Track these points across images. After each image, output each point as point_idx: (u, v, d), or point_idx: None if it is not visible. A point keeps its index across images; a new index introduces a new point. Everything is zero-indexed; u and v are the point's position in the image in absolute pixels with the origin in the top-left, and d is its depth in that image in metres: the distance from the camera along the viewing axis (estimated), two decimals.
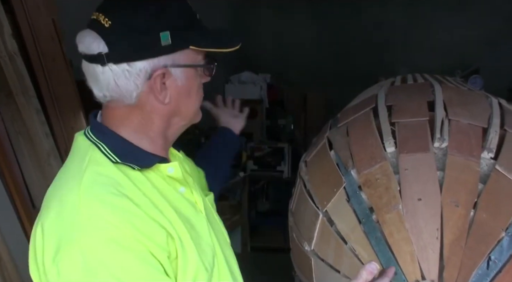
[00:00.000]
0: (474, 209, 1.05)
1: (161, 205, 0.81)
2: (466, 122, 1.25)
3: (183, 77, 0.85)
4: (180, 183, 0.90)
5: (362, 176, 1.21)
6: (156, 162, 0.87)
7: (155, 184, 0.84)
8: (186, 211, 0.87)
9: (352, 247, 1.12)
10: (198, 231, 0.87)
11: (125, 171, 0.81)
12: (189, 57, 0.86)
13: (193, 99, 0.90)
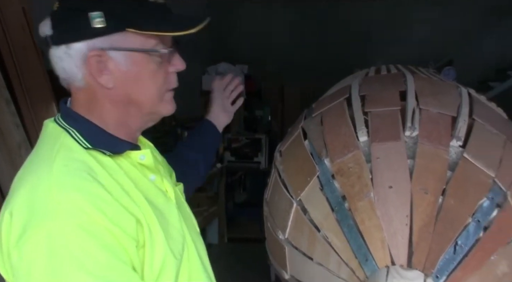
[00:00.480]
0: (442, 196, 1.08)
1: (132, 192, 0.81)
2: (436, 111, 1.28)
3: (127, 61, 0.82)
4: (151, 170, 0.90)
5: (335, 164, 1.23)
6: (128, 149, 0.86)
7: (126, 170, 0.84)
8: (156, 199, 0.87)
9: (325, 235, 1.13)
10: (168, 219, 0.87)
11: (97, 157, 0.81)
12: (132, 41, 0.82)
13: (146, 87, 0.85)
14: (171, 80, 0.90)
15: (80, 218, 0.71)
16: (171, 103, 0.92)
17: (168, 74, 0.89)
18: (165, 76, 0.88)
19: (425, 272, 0.98)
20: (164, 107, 0.90)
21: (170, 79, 0.90)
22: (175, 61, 0.89)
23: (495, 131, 1.25)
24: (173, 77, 0.91)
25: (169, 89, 0.90)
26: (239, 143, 4.76)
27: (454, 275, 0.98)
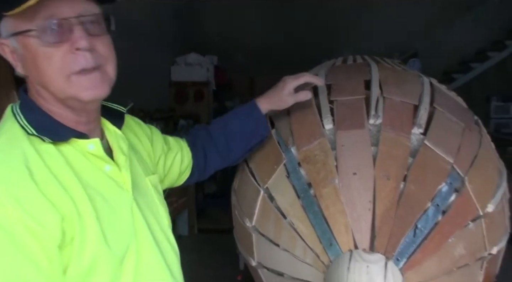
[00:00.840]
0: (404, 182, 1.11)
1: (68, 182, 0.78)
2: (399, 100, 1.31)
3: (20, 47, 0.80)
4: (105, 160, 0.86)
5: (302, 152, 1.24)
6: (72, 137, 0.83)
7: (69, 159, 0.81)
8: (106, 190, 0.84)
9: (291, 221, 1.15)
10: (116, 212, 0.84)
11: (36, 144, 0.79)
12: (11, 25, 0.80)
13: (44, 70, 0.80)
14: (75, 61, 0.80)
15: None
16: (87, 87, 0.82)
17: (67, 54, 0.80)
18: (62, 57, 0.79)
19: (387, 255, 1.01)
20: (78, 92, 0.81)
21: (72, 59, 0.80)
22: (74, 38, 0.79)
23: (454, 119, 1.30)
24: (77, 57, 0.80)
25: (75, 71, 0.80)
26: None
27: (414, 258, 1.02)
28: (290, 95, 1.28)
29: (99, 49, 0.83)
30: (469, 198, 1.11)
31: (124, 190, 0.88)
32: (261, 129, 1.30)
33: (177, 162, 1.19)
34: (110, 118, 0.96)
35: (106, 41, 0.85)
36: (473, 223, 1.11)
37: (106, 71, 0.84)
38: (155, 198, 0.99)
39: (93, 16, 0.82)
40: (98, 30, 0.83)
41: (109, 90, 0.86)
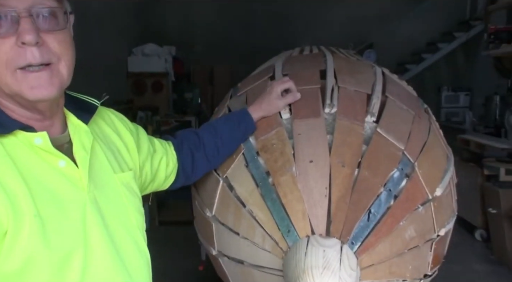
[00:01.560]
0: (358, 168, 1.15)
1: (5, 177, 0.74)
2: (352, 89, 1.35)
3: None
4: (56, 156, 0.81)
5: (260, 141, 1.26)
6: (16, 129, 0.78)
7: (12, 153, 0.77)
8: (56, 186, 0.80)
9: (250, 210, 1.17)
10: (64, 209, 0.80)
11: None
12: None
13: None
14: (20, 55, 0.75)
15: None
16: (33, 86, 0.77)
17: (13, 48, 0.75)
18: (7, 50, 0.75)
19: (342, 239, 1.04)
20: (23, 90, 0.77)
21: (18, 53, 0.75)
22: (21, 32, 0.74)
23: (405, 107, 1.35)
24: (22, 52, 0.75)
25: (20, 66, 0.76)
26: (168, 126, 4.70)
27: (368, 241, 1.06)
28: (278, 98, 1.29)
29: (51, 46, 0.78)
30: (419, 182, 1.17)
31: (78, 187, 0.83)
32: (251, 134, 1.30)
33: (163, 165, 1.15)
34: (77, 111, 0.91)
35: (61, 37, 0.79)
36: (423, 206, 1.16)
37: (58, 69, 0.79)
38: (123, 196, 0.93)
39: (46, 9, 0.77)
40: (52, 25, 0.78)
41: (59, 90, 0.81)
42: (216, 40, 7.24)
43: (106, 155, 0.94)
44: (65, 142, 0.87)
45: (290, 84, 1.31)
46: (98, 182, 0.88)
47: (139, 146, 1.07)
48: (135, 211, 0.94)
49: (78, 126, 0.90)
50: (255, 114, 1.29)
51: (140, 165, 1.06)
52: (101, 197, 0.87)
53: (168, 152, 1.17)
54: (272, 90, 1.30)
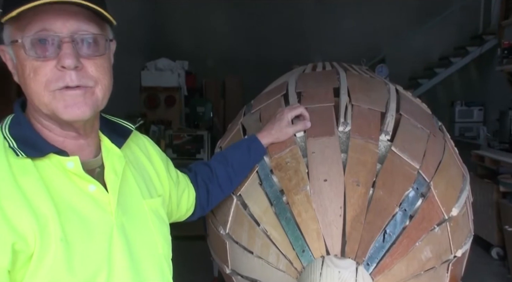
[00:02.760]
0: (372, 188, 1.14)
1: (36, 200, 0.76)
2: (366, 107, 1.35)
3: (14, 55, 0.81)
4: (86, 180, 0.83)
5: (274, 160, 1.26)
6: (49, 152, 0.81)
7: (45, 176, 0.80)
8: (84, 210, 0.81)
9: (264, 228, 1.16)
10: (91, 233, 0.81)
11: (12, 158, 0.78)
12: (8, 34, 0.80)
13: (29, 82, 0.79)
14: (60, 78, 0.78)
15: None
16: (68, 105, 0.80)
17: (53, 70, 0.78)
18: (48, 72, 0.78)
19: (357, 260, 1.03)
20: (58, 108, 0.80)
21: (58, 76, 0.78)
22: (62, 56, 0.78)
23: (419, 125, 1.34)
24: (61, 75, 0.78)
25: (59, 88, 0.79)
26: (181, 140, 4.71)
27: (383, 262, 1.05)
28: (289, 125, 1.28)
29: (89, 70, 0.80)
30: (435, 202, 1.15)
31: (106, 211, 0.84)
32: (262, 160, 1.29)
33: (185, 197, 1.16)
34: (112, 135, 0.93)
35: (100, 62, 0.82)
36: (439, 226, 1.15)
37: (94, 91, 0.82)
38: (150, 223, 0.93)
39: (88, 35, 0.80)
40: (92, 51, 0.80)
41: (93, 111, 0.83)
42: (228, 54, 7.32)
43: (137, 180, 0.95)
44: (97, 166, 0.89)
45: (301, 111, 1.31)
46: (127, 207, 0.88)
47: (169, 174, 1.09)
48: (162, 239, 0.95)
49: (111, 150, 0.91)
50: (264, 140, 1.29)
51: (169, 192, 1.08)
52: (129, 223, 0.87)
53: (188, 185, 1.19)
54: (282, 117, 1.29)
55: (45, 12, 0.76)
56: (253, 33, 7.33)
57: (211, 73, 6.96)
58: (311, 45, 6.94)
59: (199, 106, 5.82)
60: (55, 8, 0.76)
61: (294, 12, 7.22)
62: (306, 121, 1.30)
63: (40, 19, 0.76)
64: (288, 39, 7.09)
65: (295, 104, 1.39)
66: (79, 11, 0.79)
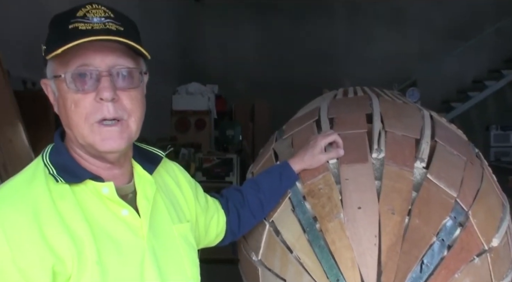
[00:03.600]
0: (408, 216, 1.12)
1: (74, 225, 0.80)
2: (400, 134, 1.33)
3: (56, 88, 0.86)
4: (120, 205, 0.87)
5: (306, 186, 1.26)
6: (86, 178, 0.85)
7: (81, 201, 0.83)
8: (118, 235, 0.85)
9: (297, 256, 1.15)
10: (124, 258, 0.84)
11: (52, 184, 0.83)
12: (51, 69, 0.86)
13: (69, 115, 0.83)
14: (98, 110, 0.83)
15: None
16: (105, 138, 0.84)
17: (92, 103, 0.83)
18: (87, 105, 0.83)
19: None
20: (96, 141, 0.84)
21: (96, 108, 0.83)
22: (100, 89, 0.82)
23: (456, 153, 1.32)
24: (99, 107, 0.83)
25: (97, 120, 0.83)
26: (210, 163, 4.76)
27: None
28: (321, 153, 1.28)
29: (124, 102, 0.85)
30: (474, 232, 1.12)
31: (138, 235, 0.87)
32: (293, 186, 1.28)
33: (214, 222, 1.18)
34: (143, 162, 0.97)
35: (134, 94, 0.86)
36: (479, 257, 1.11)
37: (128, 124, 0.86)
38: (180, 247, 0.96)
39: (124, 69, 0.85)
40: (128, 84, 0.85)
41: (127, 143, 0.87)
42: (257, 78, 7.40)
43: (166, 206, 0.98)
44: (130, 192, 0.92)
45: (334, 138, 1.30)
46: (157, 231, 0.91)
47: (197, 200, 1.11)
48: (190, 263, 0.97)
49: (143, 177, 0.95)
50: (296, 166, 1.28)
51: (196, 218, 1.10)
52: (159, 247, 0.90)
53: (219, 210, 1.20)
54: (315, 144, 1.29)
55: (85, 49, 0.81)
56: (282, 57, 7.40)
57: (241, 97, 7.05)
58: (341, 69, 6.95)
59: (228, 129, 5.89)
60: (95, 45, 0.81)
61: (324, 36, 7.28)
62: (339, 149, 1.29)
63: (81, 55, 0.82)
64: (317, 64, 7.13)
65: (328, 130, 1.39)
66: (117, 47, 0.83)
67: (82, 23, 0.80)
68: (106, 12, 0.83)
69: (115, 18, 0.83)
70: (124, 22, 0.84)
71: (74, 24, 0.80)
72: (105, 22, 0.81)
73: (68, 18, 0.81)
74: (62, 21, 0.82)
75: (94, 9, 0.82)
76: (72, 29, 0.80)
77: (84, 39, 0.78)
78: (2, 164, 2.25)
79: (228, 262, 3.57)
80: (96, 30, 0.80)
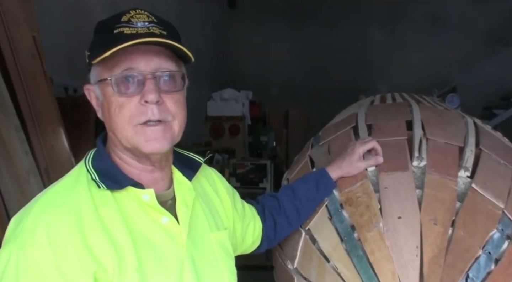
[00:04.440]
0: (452, 227, 1.07)
1: (115, 231, 0.81)
2: (443, 141, 1.29)
3: (100, 93, 0.87)
4: (160, 212, 0.87)
5: (344, 194, 1.23)
6: (128, 185, 0.86)
7: (122, 207, 0.84)
8: (158, 242, 0.85)
9: (334, 265, 1.13)
10: (163, 264, 0.84)
11: (94, 189, 0.84)
12: (95, 73, 0.87)
13: (114, 118, 0.84)
14: (142, 112, 0.83)
15: (30, 250, 0.74)
16: (148, 138, 0.84)
17: (137, 106, 0.84)
18: (132, 107, 0.83)
19: None
20: (140, 142, 0.84)
21: (141, 111, 0.83)
22: (145, 91, 0.83)
23: (502, 161, 1.26)
24: (144, 109, 0.83)
25: (141, 122, 0.84)
26: (244, 169, 4.77)
27: None
28: (360, 160, 1.25)
29: (168, 105, 0.86)
30: None
31: (177, 243, 0.87)
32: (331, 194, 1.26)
33: (251, 229, 1.17)
34: (183, 168, 0.97)
35: (177, 97, 0.88)
36: None
37: (171, 126, 0.87)
38: (217, 255, 0.96)
39: (168, 72, 0.86)
40: (171, 87, 0.86)
41: (170, 144, 0.88)
42: (291, 83, 7.37)
43: (205, 213, 0.98)
44: (169, 198, 0.92)
45: (373, 145, 1.26)
46: (196, 239, 0.91)
47: (234, 207, 1.11)
48: (227, 271, 0.97)
49: (182, 183, 0.95)
50: (333, 174, 1.26)
51: (233, 225, 1.09)
52: (197, 254, 0.90)
53: (255, 217, 1.19)
54: (354, 151, 1.26)
55: (131, 53, 0.82)
56: (316, 63, 7.35)
57: (274, 103, 7.04)
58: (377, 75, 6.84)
59: (262, 135, 5.90)
60: (140, 49, 0.83)
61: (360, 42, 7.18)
62: (378, 156, 1.25)
63: (126, 59, 0.83)
64: (352, 70, 7.04)
65: (366, 137, 1.36)
66: (161, 50, 0.85)
67: (127, 28, 0.81)
68: (150, 17, 0.85)
69: (158, 22, 0.85)
70: (166, 26, 0.86)
71: (119, 29, 0.82)
72: (149, 26, 0.83)
73: (112, 23, 0.83)
74: (107, 27, 0.83)
75: (138, 14, 0.84)
76: (117, 33, 0.81)
77: (132, 42, 0.79)
78: (44, 169, 2.32)
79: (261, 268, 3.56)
80: (141, 34, 0.81)
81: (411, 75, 6.55)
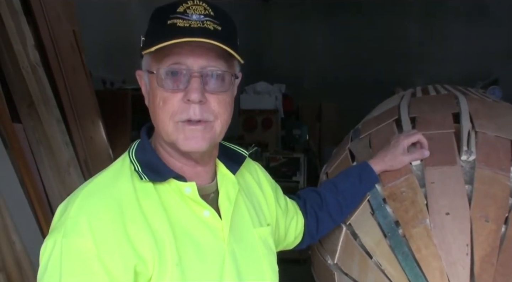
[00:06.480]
0: (505, 225, 1.02)
1: (157, 223, 0.79)
2: (493, 134, 1.23)
3: (148, 82, 0.86)
4: (202, 206, 0.85)
5: (387, 188, 1.19)
6: (170, 177, 0.84)
7: (164, 200, 0.83)
8: (199, 236, 0.83)
9: (378, 262, 1.09)
10: (204, 259, 0.82)
11: (137, 181, 0.83)
12: (148, 63, 0.85)
13: (157, 111, 0.83)
14: (184, 110, 0.81)
15: (73, 240, 0.74)
16: (187, 137, 0.82)
17: (180, 102, 0.81)
18: (175, 103, 0.81)
19: None
20: (178, 139, 0.82)
21: (183, 108, 0.81)
22: (189, 89, 0.80)
23: None
24: (186, 107, 0.81)
25: (182, 120, 0.81)
26: (277, 162, 4.75)
27: None
28: (404, 154, 1.20)
29: (211, 105, 0.82)
30: None
31: (218, 238, 0.85)
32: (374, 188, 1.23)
33: (293, 225, 1.14)
34: (227, 161, 0.95)
35: (222, 97, 0.84)
36: None
37: (212, 126, 0.83)
38: (259, 252, 0.93)
39: (216, 72, 0.82)
40: (217, 87, 0.82)
41: (209, 145, 0.84)
42: (324, 77, 7.29)
43: (248, 208, 0.96)
44: (212, 192, 0.90)
45: (418, 138, 1.21)
46: (238, 234, 0.89)
47: (278, 202, 1.08)
48: (269, 268, 0.94)
49: (226, 176, 0.93)
50: (377, 167, 1.21)
51: (276, 221, 1.07)
52: (239, 250, 0.88)
53: (297, 212, 1.17)
54: (398, 144, 1.21)
55: (180, 47, 0.80)
56: (350, 56, 7.23)
57: (307, 96, 6.97)
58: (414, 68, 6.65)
59: (295, 129, 5.85)
60: (190, 44, 0.79)
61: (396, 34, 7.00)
62: (424, 150, 1.20)
63: (175, 53, 0.80)
64: (388, 62, 6.87)
65: (410, 130, 1.31)
66: (212, 47, 0.80)
67: (180, 20, 0.79)
68: (207, 9, 0.81)
69: (215, 16, 0.81)
70: (222, 21, 0.82)
71: (173, 20, 0.79)
72: (204, 21, 0.79)
73: (168, 12, 0.80)
74: (161, 15, 0.81)
75: (195, 5, 0.80)
76: (170, 25, 0.79)
77: (179, 40, 0.77)
78: (83, 160, 2.37)
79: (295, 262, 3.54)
80: (193, 28, 0.78)
81: (450, 68, 6.35)
